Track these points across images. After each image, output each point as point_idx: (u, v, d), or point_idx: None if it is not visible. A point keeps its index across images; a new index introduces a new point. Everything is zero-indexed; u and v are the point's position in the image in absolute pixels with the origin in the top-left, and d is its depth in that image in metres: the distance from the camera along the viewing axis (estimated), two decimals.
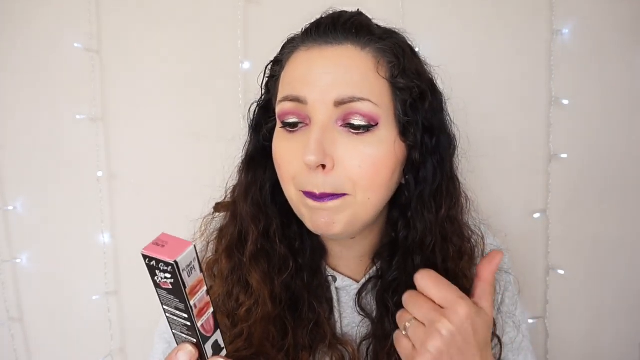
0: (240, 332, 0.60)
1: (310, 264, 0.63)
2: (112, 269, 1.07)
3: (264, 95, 0.63)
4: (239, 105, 1.00)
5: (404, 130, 0.55)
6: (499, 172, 1.07)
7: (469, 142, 0.66)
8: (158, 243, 0.38)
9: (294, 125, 0.55)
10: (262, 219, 0.61)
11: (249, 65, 1.01)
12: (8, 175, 1.05)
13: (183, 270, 0.38)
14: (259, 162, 0.63)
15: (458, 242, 0.61)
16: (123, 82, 1.03)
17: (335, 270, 0.65)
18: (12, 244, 1.07)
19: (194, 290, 0.40)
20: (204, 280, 0.41)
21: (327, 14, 0.59)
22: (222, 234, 0.65)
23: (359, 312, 0.63)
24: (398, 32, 0.60)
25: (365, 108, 0.52)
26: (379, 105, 0.53)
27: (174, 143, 1.05)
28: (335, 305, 0.64)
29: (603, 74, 1.05)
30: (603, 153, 1.08)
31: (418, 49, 0.62)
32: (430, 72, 0.61)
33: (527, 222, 1.09)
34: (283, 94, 0.55)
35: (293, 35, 0.60)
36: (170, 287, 0.39)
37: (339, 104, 0.52)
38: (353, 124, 0.52)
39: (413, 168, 0.58)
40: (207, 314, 0.42)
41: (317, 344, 0.60)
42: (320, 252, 0.64)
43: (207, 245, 0.66)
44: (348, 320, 0.65)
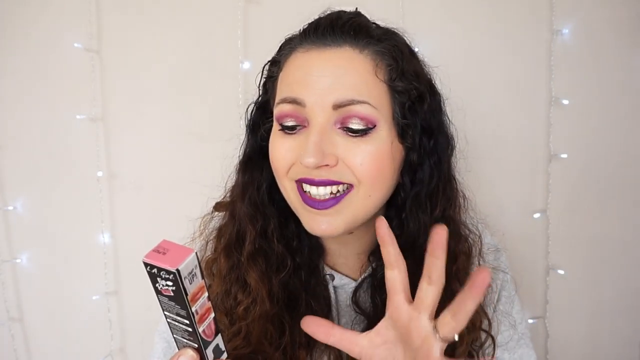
0: (239, 330, 0.60)
1: (308, 263, 0.63)
2: (112, 269, 1.07)
3: (262, 96, 0.63)
4: (239, 105, 1.00)
5: (402, 132, 0.56)
6: (499, 172, 1.07)
7: (467, 141, 0.66)
8: (159, 250, 0.38)
9: (292, 129, 0.55)
10: (259, 219, 0.61)
11: (249, 65, 1.01)
12: (8, 175, 1.06)
13: (185, 278, 0.38)
14: (256, 162, 0.63)
15: (452, 243, 0.61)
16: (123, 82, 1.03)
17: (334, 269, 0.65)
18: (12, 244, 1.07)
19: (196, 297, 0.40)
20: (205, 287, 0.41)
21: (325, 15, 0.59)
22: (220, 233, 0.65)
23: (355, 309, 0.63)
24: (397, 32, 0.60)
25: (364, 111, 0.52)
26: (377, 108, 0.53)
27: (174, 143, 1.05)
28: (333, 304, 0.64)
29: (603, 74, 1.05)
30: (603, 153, 1.08)
31: (417, 49, 0.62)
32: (429, 72, 0.61)
33: (527, 222, 1.09)
34: (281, 96, 0.55)
35: (291, 36, 0.60)
36: (172, 294, 0.39)
37: (338, 107, 0.52)
38: (351, 128, 0.53)
39: (410, 169, 0.58)
40: (208, 320, 0.42)
41: (314, 342, 0.60)
42: (318, 251, 0.65)
43: (206, 245, 0.66)
44: (346, 319, 0.65)
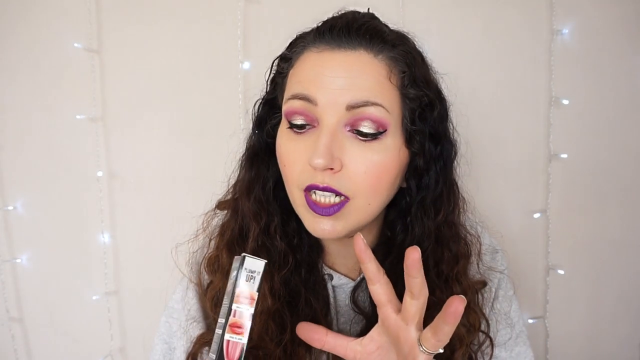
0: None
1: (308, 261, 0.63)
2: (112, 269, 1.07)
3: (270, 92, 0.63)
4: (239, 105, 1.00)
5: (410, 138, 0.56)
6: (499, 172, 1.07)
7: (467, 144, 0.66)
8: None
9: (301, 127, 0.55)
10: (263, 216, 0.61)
11: (249, 65, 1.01)
12: (8, 175, 1.06)
13: (245, 269, 0.42)
14: (262, 158, 0.63)
15: (454, 246, 0.62)
16: (123, 82, 1.03)
17: (332, 269, 0.65)
18: (12, 244, 1.07)
19: (240, 299, 0.42)
20: (255, 300, 0.42)
21: (339, 15, 0.59)
22: (223, 230, 0.65)
23: (354, 309, 0.63)
24: (408, 37, 0.60)
25: (377, 113, 0.52)
26: (390, 112, 0.53)
27: (174, 143, 1.05)
28: (332, 303, 0.64)
29: (603, 74, 1.05)
30: (603, 153, 1.08)
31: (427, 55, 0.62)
32: (437, 78, 0.62)
33: (527, 222, 1.09)
34: (292, 92, 0.55)
35: (303, 33, 0.60)
36: (231, 280, 0.43)
37: (351, 108, 0.52)
38: (361, 131, 0.52)
39: (416, 174, 0.58)
40: (238, 337, 0.42)
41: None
42: (317, 249, 0.65)
43: (209, 242, 0.66)
44: (344, 318, 0.65)
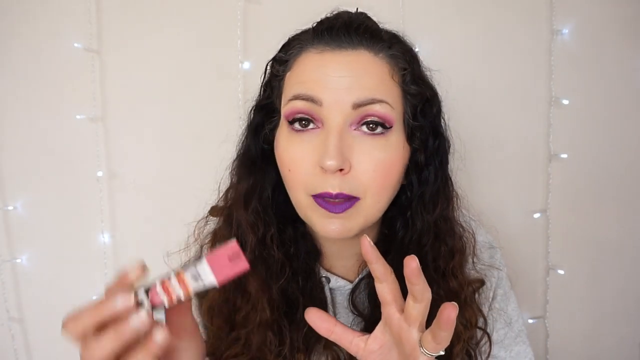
0: (238, 337, 0.60)
1: (304, 268, 0.63)
2: (112, 269, 1.07)
3: (265, 96, 0.62)
4: (239, 106, 1.00)
5: (411, 134, 0.57)
6: (499, 172, 1.07)
7: (460, 140, 0.66)
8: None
9: (305, 125, 0.54)
10: (260, 226, 0.60)
11: (249, 65, 1.01)
12: (8, 175, 1.05)
13: (200, 267, 0.41)
14: (259, 166, 0.61)
15: (450, 241, 0.62)
16: (123, 82, 1.03)
17: (330, 271, 0.65)
18: (12, 244, 1.07)
19: (182, 280, 0.41)
20: (179, 300, 0.41)
21: (334, 16, 0.59)
22: (215, 238, 0.65)
23: (352, 311, 0.63)
24: (400, 36, 0.60)
25: (383, 110, 0.53)
26: (394, 109, 0.54)
27: (174, 143, 1.05)
28: (330, 306, 0.64)
29: (603, 74, 1.05)
30: (603, 153, 1.08)
31: (417, 50, 0.62)
32: (429, 75, 0.62)
33: (527, 222, 1.09)
34: (294, 93, 0.54)
35: (296, 34, 0.60)
36: (193, 263, 0.43)
37: (357, 106, 0.52)
38: (369, 123, 0.53)
39: (416, 170, 0.59)
40: (163, 295, 0.40)
41: (312, 346, 0.61)
42: (315, 255, 0.64)
43: (200, 250, 0.66)
44: (343, 320, 0.64)
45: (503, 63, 1.04)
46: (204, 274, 0.41)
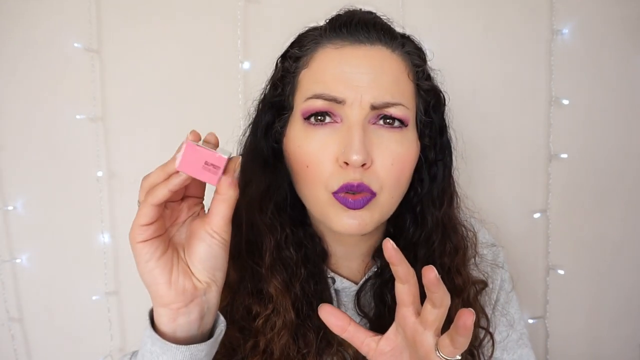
0: (255, 344, 0.58)
1: (313, 270, 0.62)
2: (112, 269, 1.07)
3: (276, 93, 0.59)
4: (239, 106, 1.00)
5: (422, 131, 0.58)
6: (499, 172, 1.07)
7: (463, 141, 0.67)
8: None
9: (321, 119, 0.53)
10: (278, 228, 0.59)
11: (249, 65, 1.01)
12: (8, 175, 1.05)
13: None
14: (273, 165, 0.60)
15: (454, 238, 0.63)
16: (123, 82, 1.03)
17: (335, 272, 0.65)
18: (12, 244, 1.07)
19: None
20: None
21: (346, 13, 0.59)
22: None
23: (359, 312, 0.63)
24: (409, 35, 0.61)
25: (399, 112, 0.53)
26: (409, 108, 0.55)
27: (174, 143, 1.04)
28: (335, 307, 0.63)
29: (603, 74, 1.05)
30: (603, 153, 1.08)
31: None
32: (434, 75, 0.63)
33: (527, 222, 1.09)
34: (314, 92, 0.54)
35: (309, 30, 0.59)
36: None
37: (374, 108, 0.52)
38: (387, 116, 0.53)
39: (426, 166, 0.60)
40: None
41: (323, 349, 0.60)
42: (322, 256, 0.64)
43: None
44: None
45: (503, 63, 1.04)
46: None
